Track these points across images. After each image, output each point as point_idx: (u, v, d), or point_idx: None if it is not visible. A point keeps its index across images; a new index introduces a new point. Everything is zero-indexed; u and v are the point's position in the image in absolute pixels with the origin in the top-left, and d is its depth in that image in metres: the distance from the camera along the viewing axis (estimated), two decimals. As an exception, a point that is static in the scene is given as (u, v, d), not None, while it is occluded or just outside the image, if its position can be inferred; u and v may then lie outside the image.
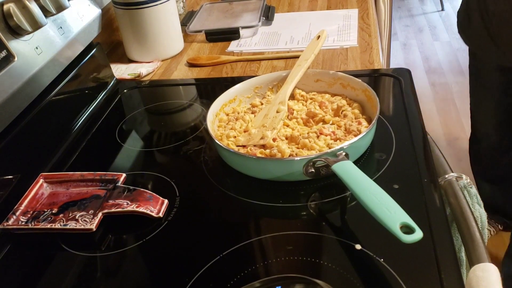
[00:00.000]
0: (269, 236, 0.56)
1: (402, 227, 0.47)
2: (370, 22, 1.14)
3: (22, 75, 0.66)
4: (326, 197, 0.61)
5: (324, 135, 0.66)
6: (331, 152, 0.60)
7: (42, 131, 0.74)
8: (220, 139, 0.69)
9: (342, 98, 0.76)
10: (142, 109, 0.90)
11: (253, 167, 0.65)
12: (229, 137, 0.70)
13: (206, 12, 1.26)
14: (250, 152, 0.66)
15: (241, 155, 0.65)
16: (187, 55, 1.09)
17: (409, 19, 3.59)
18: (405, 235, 0.46)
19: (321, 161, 0.60)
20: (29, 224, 0.59)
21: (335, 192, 0.61)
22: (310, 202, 0.62)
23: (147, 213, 0.59)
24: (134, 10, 1.00)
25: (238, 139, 0.70)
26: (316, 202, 0.61)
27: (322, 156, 0.60)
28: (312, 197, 0.62)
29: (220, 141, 0.67)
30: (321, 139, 0.66)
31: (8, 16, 0.65)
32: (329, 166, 0.59)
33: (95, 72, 0.91)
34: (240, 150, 0.67)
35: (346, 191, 0.61)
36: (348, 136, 0.66)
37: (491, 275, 0.43)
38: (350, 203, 0.60)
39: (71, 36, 0.79)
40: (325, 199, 0.61)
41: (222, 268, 0.52)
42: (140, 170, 0.72)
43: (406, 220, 0.47)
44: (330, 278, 0.48)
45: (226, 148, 0.65)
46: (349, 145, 0.61)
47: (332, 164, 0.58)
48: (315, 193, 0.62)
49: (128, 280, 0.54)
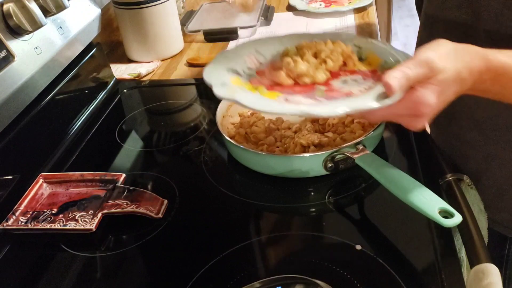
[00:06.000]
0: (269, 236, 0.56)
1: (441, 212, 0.47)
2: (370, 22, 1.14)
3: (22, 75, 0.66)
4: (326, 197, 0.61)
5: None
6: (350, 145, 0.61)
7: (42, 131, 0.74)
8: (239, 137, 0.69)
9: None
10: (142, 109, 0.90)
11: (270, 164, 0.64)
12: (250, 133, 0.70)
13: (205, 12, 1.26)
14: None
15: (258, 153, 0.64)
16: (187, 55, 1.09)
17: (410, 19, 3.59)
18: (445, 219, 0.46)
19: (341, 154, 0.60)
20: (29, 224, 0.59)
21: (336, 192, 0.61)
22: (310, 202, 0.62)
23: (147, 214, 0.58)
24: (134, 10, 1.00)
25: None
26: (316, 203, 0.61)
27: (342, 150, 0.60)
28: (312, 198, 0.62)
29: (236, 141, 0.66)
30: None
31: (8, 16, 0.65)
32: (348, 160, 0.60)
33: (95, 72, 0.90)
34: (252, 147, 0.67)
35: (346, 192, 0.61)
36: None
37: (492, 276, 0.43)
38: (351, 203, 0.60)
39: (71, 36, 0.79)
40: (325, 199, 0.61)
41: (222, 268, 0.52)
42: (140, 170, 0.72)
43: (443, 205, 0.48)
44: (330, 278, 0.48)
45: (246, 149, 0.65)
46: (367, 137, 0.62)
47: (355, 157, 0.59)
48: (315, 193, 0.62)
49: (128, 280, 0.54)
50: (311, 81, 0.54)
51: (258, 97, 0.51)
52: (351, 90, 0.52)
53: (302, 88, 0.54)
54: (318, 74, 0.54)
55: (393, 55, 0.56)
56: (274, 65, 0.58)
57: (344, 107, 0.46)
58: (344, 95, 0.51)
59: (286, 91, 0.53)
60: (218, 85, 0.51)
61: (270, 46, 0.61)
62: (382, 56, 0.57)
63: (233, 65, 0.57)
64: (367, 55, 0.59)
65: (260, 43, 0.63)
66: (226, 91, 0.51)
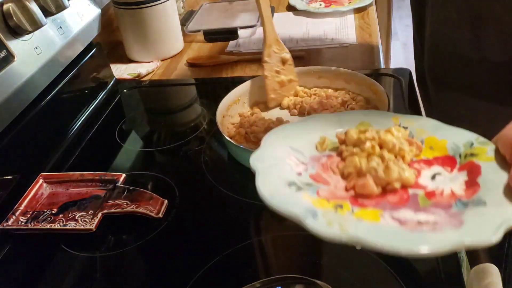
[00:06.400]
0: (269, 236, 0.56)
1: None
2: (370, 22, 1.14)
3: (21, 75, 0.66)
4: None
5: None
6: None
7: (42, 131, 0.74)
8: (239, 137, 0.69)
9: (345, 93, 0.77)
10: (142, 109, 0.90)
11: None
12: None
13: (205, 12, 1.26)
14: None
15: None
16: (187, 55, 1.09)
17: (410, 19, 3.58)
18: None
19: None
20: (29, 224, 0.59)
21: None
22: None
23: (147, 214, 0.58)
24: (134, 10, 1.00)
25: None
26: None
27: None
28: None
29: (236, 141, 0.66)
30: None
31: (8, 16, 0.65)
32: None
33: (95, 72, 0.90)
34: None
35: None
36: None
37: (492, 276, 0.43)
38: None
39: (71, 36, 0.79)
40: (325, 199, 0.61)
41: (222, 268, 0.52)
42: (140, 170, 0.72)
43: None
44: (330, 278, 0.48)
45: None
46: None
47: None
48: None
49: (128, 280, 0.54)
50: (401, 185, 0.41)
51: (371, 226, 0.37)
52: (450, 187, 0.41)
53: (393, 194, 0.41)
54: (408, 175, 0.42)
55: (454, 133, 0.46)
56: (323, 164, 0.45)
57: (498, 229, 0.33)
58: (452, 198, 0.40)
59: (381, 205, 0.40)
60: (309, 216, 0.36)
61: (300, 139, 0.48)
62: (440, 135, 0.46)
63: (286, 175, 0.42)
64: (417, 135, 0.47)
65: (290, 138, 0.48)
66: (335, 228, 0.35)
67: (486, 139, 0.43)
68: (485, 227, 0.34)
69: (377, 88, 0.72)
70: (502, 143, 0.40)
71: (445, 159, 0.44)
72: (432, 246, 0.32)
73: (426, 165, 0.44)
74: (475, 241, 0.32)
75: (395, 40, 3.19)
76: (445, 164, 0.44)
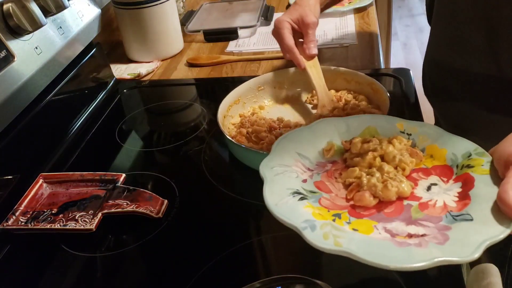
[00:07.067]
0: (269, 236, 0.56)
1: None
2: (370, 22, 1.14)
3: (22, 75, 0.66)
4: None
5: None
6: None
7: (42, 131, 0.74)
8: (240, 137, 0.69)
9: (347, 93, 0.77)
10: (141, 109, 0.90)
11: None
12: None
13: (205, 12, 1.26)
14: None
15: (260, 152, 0.64)
16: (187, 55, 1.09)
17: (410, 19, 3.59)
18: None
19: None
20: (29, 224, 0.59)
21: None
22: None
23: (147, 214, 0.58)
24: (134, 10, 1.00)
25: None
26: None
27: None
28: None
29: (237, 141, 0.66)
30: None
31: (8, 16, 0.65)
32: None
33: (95, 72, 0.91)
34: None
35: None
36: None
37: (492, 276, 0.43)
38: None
39: (71, 36, 0.79)
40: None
41: (222, 268, 0.52)
42: (140, 170, 0.72)
43: None
44: (330, 278, 0.48)
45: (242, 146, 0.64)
46: None
47: None
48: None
49: (128, 280, 0.54)
50: (397, 197, 0.43)
51: (363, 240, 0.38)
52: (443, 199, 0.42)
53: (389, 205, 0.43)
54: (405, 188, 0.43)
55: (454, 141, 0.47)
56: (327, 171, 0.48)
57: (479, 247, 0.35)
58: (443, 211, 0.41)
59: (376, 217, 0.42)
60: (307, 228, 0.39)
61: (308, 145, 0.50)
62: (441, 143, 0.47)
63: (292, 184, 0.45)
64: (419, 143, 0.49)
65: (298, 143, 0.50)
66: (329, 241, 0.38)
67: (484, 150, 0.44)
68: (467, 245, 0.36)
69: (378, 87, 0.73)
70: (497, 157, 0.41)
71: (443, 168, 0.46)
72: (416, 263, 0.35)
73: (424, 175, 0.46)
74: (455, 260, 0.35)
75: (395, 40, 3.19)
76: (442, 174, 0.46)
